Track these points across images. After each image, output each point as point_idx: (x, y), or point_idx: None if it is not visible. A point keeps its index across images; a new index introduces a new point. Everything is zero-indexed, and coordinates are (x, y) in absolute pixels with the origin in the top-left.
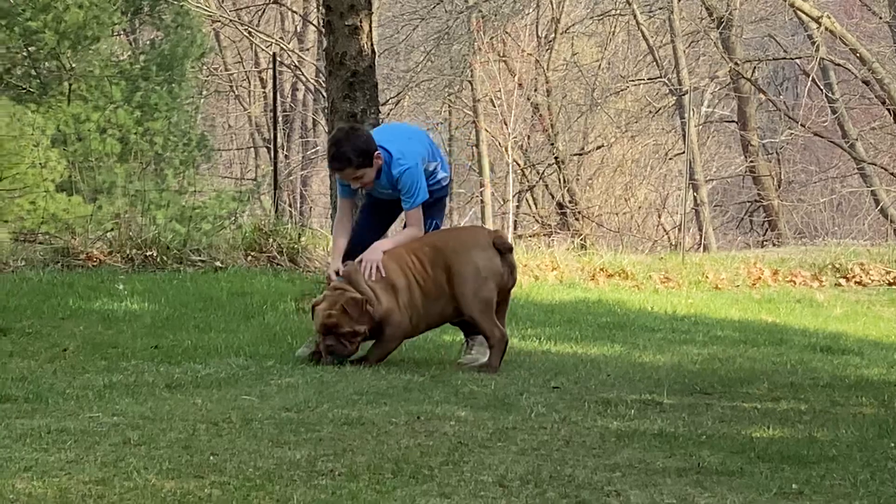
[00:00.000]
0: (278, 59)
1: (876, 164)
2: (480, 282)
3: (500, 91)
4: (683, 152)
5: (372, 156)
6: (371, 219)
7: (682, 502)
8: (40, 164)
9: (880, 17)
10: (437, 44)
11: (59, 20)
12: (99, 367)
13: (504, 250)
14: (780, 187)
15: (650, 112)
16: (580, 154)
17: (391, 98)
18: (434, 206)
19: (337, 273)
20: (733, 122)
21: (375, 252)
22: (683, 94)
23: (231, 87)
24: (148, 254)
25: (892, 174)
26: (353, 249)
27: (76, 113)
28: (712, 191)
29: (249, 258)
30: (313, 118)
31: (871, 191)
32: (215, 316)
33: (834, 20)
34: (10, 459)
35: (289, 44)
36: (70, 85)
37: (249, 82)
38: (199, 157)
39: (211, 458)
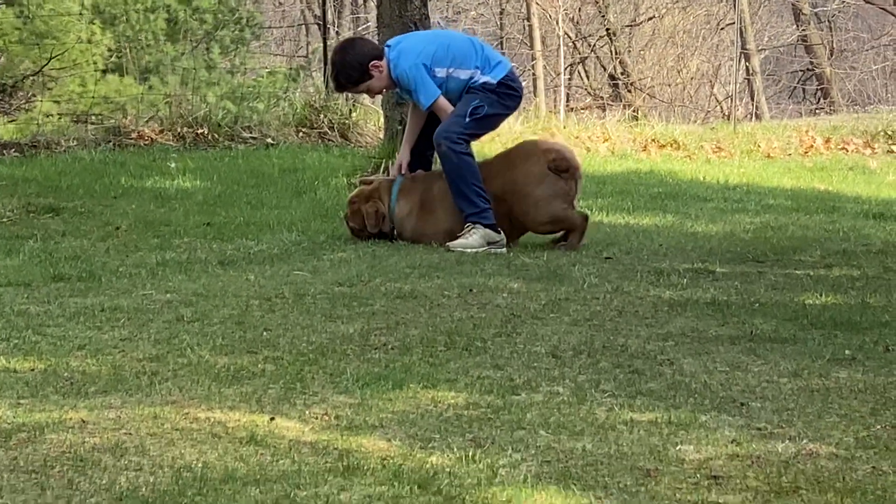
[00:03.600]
0: None
1: None
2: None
3: None
4: (734, 22)
5: (366, 69)
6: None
7: (735, 370)
8: (86, 39)
9: None
10: None
11: None
12: (151, 245)
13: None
14: (832, 56)
15: None
16: (632, 26)
17: None
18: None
19: (399, 170)
20: None
21: None
22: None
23: None
24: (199, 132)
25: None
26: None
27: None
28: (764, 60)
29: (300, 134)
30: None
31: None
32: (267, 192)
33: None
34: (65, 338)
35: None
36: None
37: None
38: (249, 36)
39: (264, 333)
